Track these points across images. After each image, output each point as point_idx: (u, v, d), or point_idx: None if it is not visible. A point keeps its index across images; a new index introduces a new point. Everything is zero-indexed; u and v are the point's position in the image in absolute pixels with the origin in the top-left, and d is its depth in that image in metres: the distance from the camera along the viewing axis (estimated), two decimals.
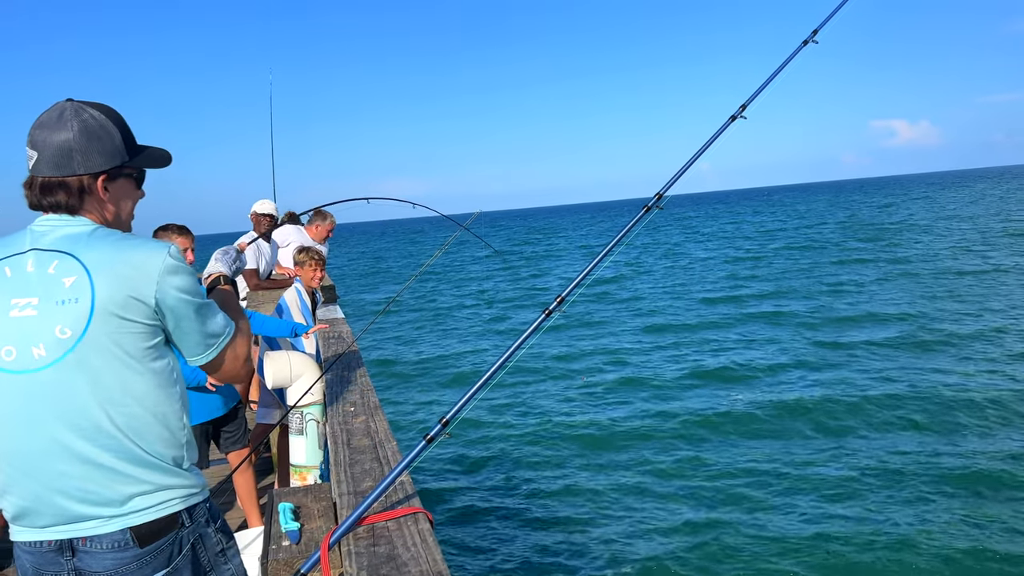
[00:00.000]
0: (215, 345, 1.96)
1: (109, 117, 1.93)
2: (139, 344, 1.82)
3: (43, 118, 1.88)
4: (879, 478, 9.35)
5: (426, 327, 24.30)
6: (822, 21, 2.68)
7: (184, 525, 1.90)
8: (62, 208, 1.87)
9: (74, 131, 1.86)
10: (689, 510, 8.97)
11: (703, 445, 11.15)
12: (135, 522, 1.82)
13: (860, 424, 11.32)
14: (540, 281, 35.79)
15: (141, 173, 2.03)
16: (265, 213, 7.33)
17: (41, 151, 1.85)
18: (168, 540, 1.87)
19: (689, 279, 30.73)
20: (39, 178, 1.87)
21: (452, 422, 2.19)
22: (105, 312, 1.76)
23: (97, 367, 1.77)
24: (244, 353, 2.05)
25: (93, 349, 1.76)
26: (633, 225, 2.29)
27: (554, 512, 9.11)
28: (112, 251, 1.82)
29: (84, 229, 1.87)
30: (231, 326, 2.01)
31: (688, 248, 46.78)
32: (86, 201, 1.89)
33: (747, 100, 2.51)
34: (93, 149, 1.88)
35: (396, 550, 2.01)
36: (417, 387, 16.21)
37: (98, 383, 1.77)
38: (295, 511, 2.64)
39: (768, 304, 22.33)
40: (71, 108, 1.89)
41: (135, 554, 1.83)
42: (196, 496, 1.94)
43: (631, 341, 19.04)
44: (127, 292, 1.78)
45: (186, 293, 1.87)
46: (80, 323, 1.75)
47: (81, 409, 1.77)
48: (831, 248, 37.24)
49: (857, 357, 15.12)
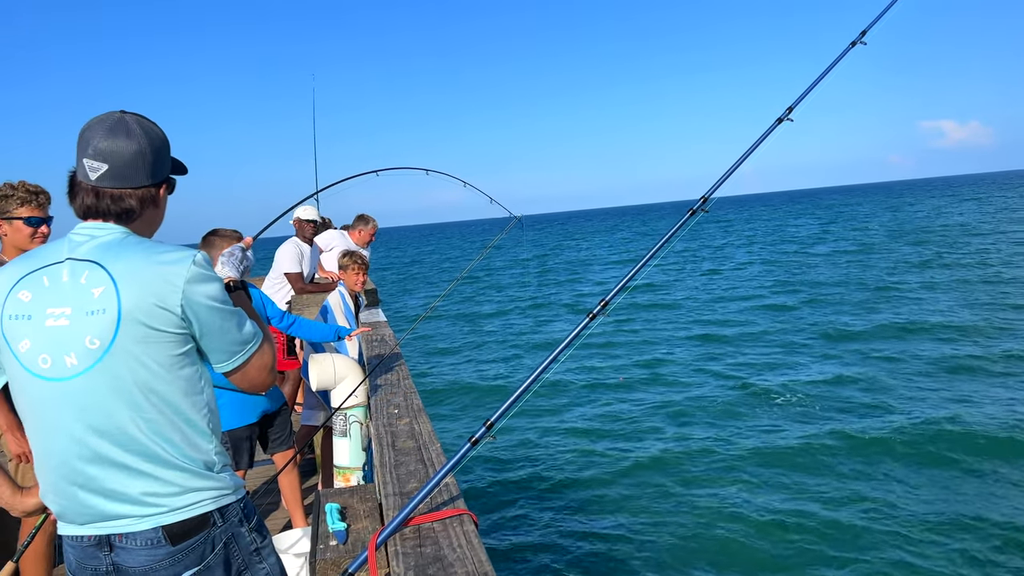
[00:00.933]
0: (241, 352, 1.98)
1: (157, 128, 1.99)
2: (166, 352, 1.85)
3: (103, 130, 1.89)
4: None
5: (464, 331, 24.39)
6: (871, 22, 2.64)
7: (216, 525, 1.94)
8: (130, 216, 1.92)
9: (143, 143, 1.92)
10: (730, 518, 8.86)
11: (742, 451, 11.00)
12: (167, 521, 1.88)
13: (910, 460, 10.32)
14: (580, 286, 35.65)
15: (174, 181, 2.10)
16: (308, 219, 7.45)
17: (110, 163, 1.88)
18: (200, 539, 1.91)
19: (733, 284, 30.28)
20: (106, 190, 1.89)
21: (496, 425, 2.21)
22: (132, 321, 1.80)
23: (125, 376, 1.82)
24: (269, 361, 2.06)
25: (121, 359, 1.81)
26: (678, 229, 2.29)
27: (594, 517, 9.06)
28: (138, 260, 1.84)
29: (114, 238, 1.89)
30: (259, 335, 2.03)
31: (730, 252, 45.92)
32: (145, 210, 1.95)
33: (794, 102, 2.48)
34: (157, 162, 1.95)
35: (442, 551, 2.03)
36: (455, 391, 16.28)
37: (126, 391, 1.82)
38: (342, 511, 2.67)
39: (816, 314, 21.61)
40: (132, 120, 1.92)
41: (168, 551, 1.88)
42: (228, 497, 1.97)
43: (668, 348, 18.90)
44: (152, 301, 1.81)
45: (212, 301, 1.88)
46: (108, 334, 1.80)
47: (109, 416, 1.83)
48: (883, 253, 35.90)
49: (922, 379, 14.01)
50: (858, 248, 40.19)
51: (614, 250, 61.57)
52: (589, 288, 34.17)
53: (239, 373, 2.01)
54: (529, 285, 37.47)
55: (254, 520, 2.06)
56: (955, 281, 25.11)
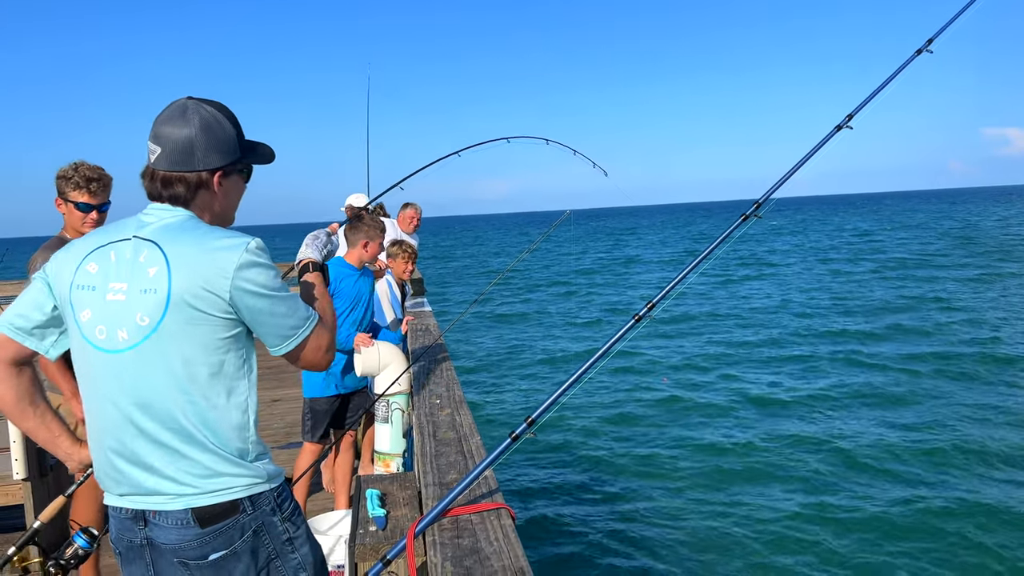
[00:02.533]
0: (294, 336, 1.98)
1: (225, 115, 2.00)
2: (213, 336, 1.88)
3: (165, 115, 1.96)
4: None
5: (508, 326, 24.42)
6: (938, 30, 2.56)
7: (246, 512, 1.95)
8: (178, 200, 1.96)
9: (195, 129, 1.94)
10: (777, 533, 8.74)
11: (788, 457, 10.83)
12: (196, 503, 1.90)
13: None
14: (627, 285, 35.33)
15: (250, 169, 2.11)
16: (361, 207, 7.57)
17: (164, 146, 1.93)
18: (229, 524, 1.93)
19: (792, 289, 29.50)
20: (160, 172, 1.95)
21: (538, 421, 2.22)
22: (180, 303, 1.84)
23: (170, 355, 1.86)
24: (325, 343, 2.06)
25: (167, 338, 1.85)
26: (731, 233, 2.27)
27: (631, 519, 9.02)
28: (192, 244, 1.88)
29: (177, 220, 1.94)
30: (313, 317, 2.03)
31: (780, 258, 44.56)
32: (200, 195, 1.98)
33: (854, 110, 2.43)
34: (212, 147, 1.96)
35: (479, 543, 2.05)
36: (495, 384, 16.34)
37: (169, 370, 1.87)
38: (382, 498, 2.72)
39: (876, 323, 20.76)
40: (192, 106, 1.97)
41: (196, 533, 1.91)
42: (261, 486, 1.98)
43: (718, 350, 18.68)
44: (201, 284, 1.84)
45: (262, 288, 1.90)
46: (157, 313, 1.85)
47: (152, 391, 1.88)
48: (947, 266, 33.53)
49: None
50: (917, 258, 38.74)
51: (667, 248, 60.80)
52: (636, 290, 33.79)
53: (293, 355, 2.03)
54: (573, 282, 37.23)
55: (288, 509, 2.06)
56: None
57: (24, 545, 2.41)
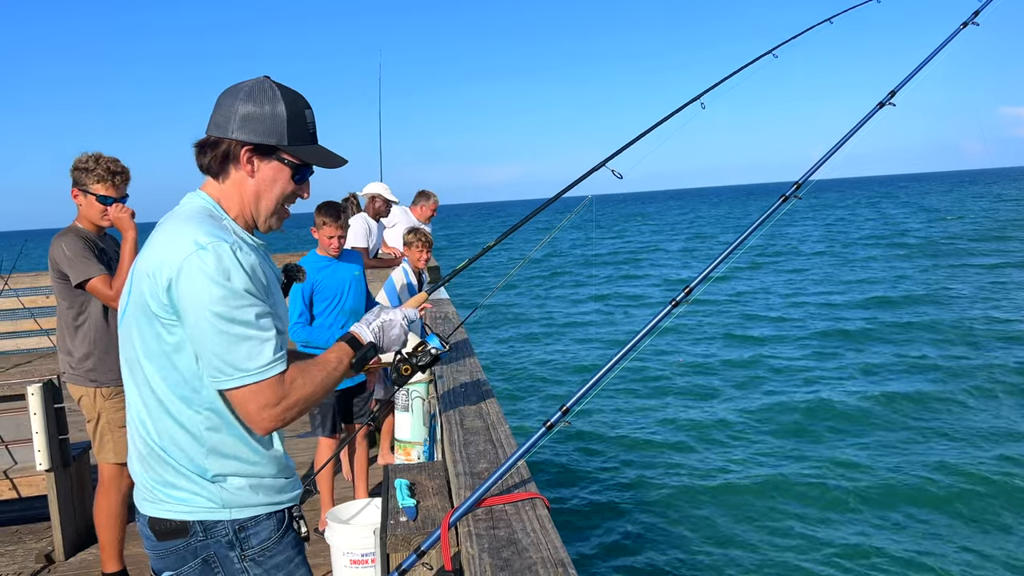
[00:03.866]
0: (230, 378, 1.71)
1: (286, 99, 1.84)
2: (159, 335, 1.74)
3: (233, 86, 1.87)
4: None
5: (530, 314, 24.32)
6: (984, 3, 2.47)
7: (197, 536, 1.81)
8: (207, 170, 1.87)
9: (243, 98, 1.82)
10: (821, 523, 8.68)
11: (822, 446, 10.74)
12: (152, 512, 1.83)
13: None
14: (651, 273, 34.89)
15: (303, 167, 1.90)
16: (388, 199, 7.57)
17: (215, 112, 1.84)
18: (180, 545, 1.82)
19: (817, 277, 28.82)
20: (205, 137, 1.86)
21: (573, 410, 2.17)
22: (137, 293, 1.76)
23: (134, 339, 1.80)
24: (272, 403, 1.74)
25: (132, 321, 1.79)
26: (769, 215, 2.20)
27: (664, 506, 8.95)
28: (164, 234, 1.78)
29: (190, 207, 1.85)
30: (270, 370, 1.73)
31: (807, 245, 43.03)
32: (229, 168, 1.85)
33: (897, 86, 2.35)
34: (251, 119, 1.81)
35: (516, 534, 2.01)
36: (517, 371, 16.29)
37: (134, 356, 1.81)
38: (411, 487, 2.68)
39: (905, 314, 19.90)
40: (258, 81, 1.86)
41: (154, 544, 1.84)
42: (217, 512, 1.82)
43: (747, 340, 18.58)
44: (150, 282, 1.72)
45: (204, 305, 1.67)
46: (126, 299, 1.81)
47: (131, 372, 1.84)
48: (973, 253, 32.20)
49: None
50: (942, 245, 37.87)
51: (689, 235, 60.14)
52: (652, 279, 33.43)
53: (229, 397, 1.75)
54: (600, 272, 36.54)
55: (255, 549, 1.86)
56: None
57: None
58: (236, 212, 1.89)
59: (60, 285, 3.77)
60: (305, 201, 2.01)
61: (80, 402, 3.86)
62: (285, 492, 1.94)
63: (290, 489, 1.96)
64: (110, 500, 3.89)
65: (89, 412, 3.87)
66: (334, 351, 1.92)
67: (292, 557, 1.93)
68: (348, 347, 1.93)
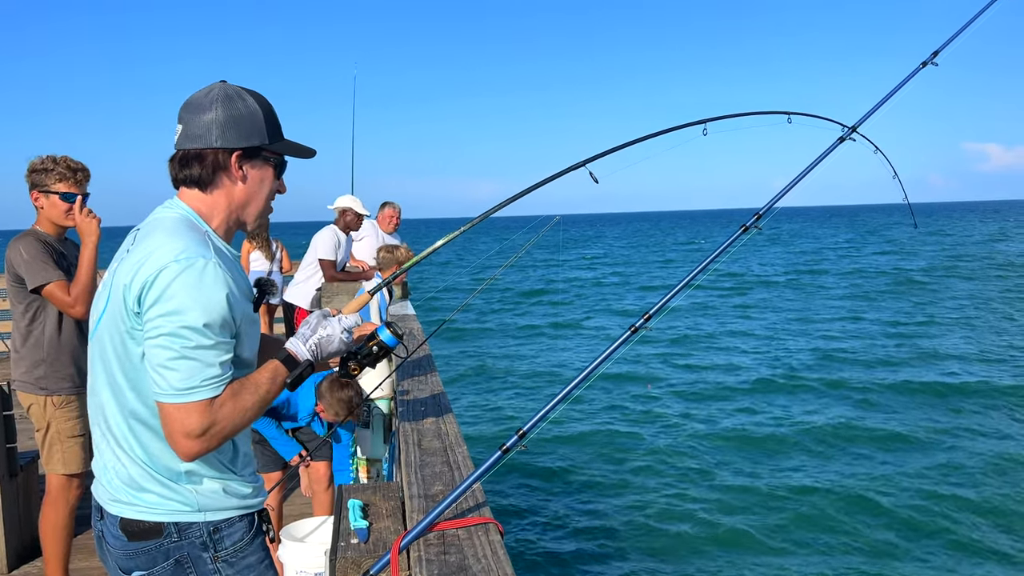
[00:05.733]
0: (163, 392, 1.70)
1: (256, 100, 1.90)
2: (131, 347, 1.77)
3: (193, 96, 1.89)
4: None
5: (492, 334, 24.26)
6: (944, 43, 2.52)
7: (171, 537, 1.84)
8: (194, 182, 1.88)
9: (216, 103, 1.85)
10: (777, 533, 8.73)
11: (774, 462, 10.84)
12: (126, 514, 1.84)
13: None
14: (620, 291, 35.11)
15: (281, 162, 1.97)
16: (361, 213, 7.52)
17: (185, 125, 1.86)
18: (152, 545, 1.84)
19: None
20: (179, 151, 1.88)
21: (529, 434, 2.15)
22: (113, 304, 1.79)
23: (105, 347, 1.83)
24: (196, 429, 1.70)
25: (105, 332, 1.82)
26: (728, 245, 2.21)
27: (621, 534, 8.94)
28: (142, 244, 1.80)
29: (170, 216, 1.86)
30: (199, 392, 1.70)
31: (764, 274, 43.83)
32: (218, 178, 1.88)
33: (857, 122, 2.39)
34: (232, 124, 1.85)
35: (467, 560, 1.98)
36: (479, 392, 16.22)
37: (105, 363, 1.84)
38: (364, 508, 2.64)
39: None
40: (219, 87, 1.90)
41: (124, 544, 1.85)
42: (191, 515, 1.85)
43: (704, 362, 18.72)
44: (123, 293, 1.75)
45: (165, 312, 1.68)
46: (102, 303, 1.84)
47: (101, 379, 1.86)
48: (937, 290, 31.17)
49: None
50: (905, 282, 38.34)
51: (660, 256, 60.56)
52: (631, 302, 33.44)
53: (160, 411, 1.74)
54: (567, 292, 36.65)
55: (227, 550, 1.89)
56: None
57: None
58: (219, 221, 1.92)
59: (15, 289, 3.68)
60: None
61: (29, 410, 3.77)
62: (256, 495, 2.00)
63: (260, 493, 2.03)
64: (57, 512, 3.79)
65: (38, 421, 3.77)
66: (267, 371, 1.86)
67: (263, 558, 1.99)
68: (283, 366, 1.88)
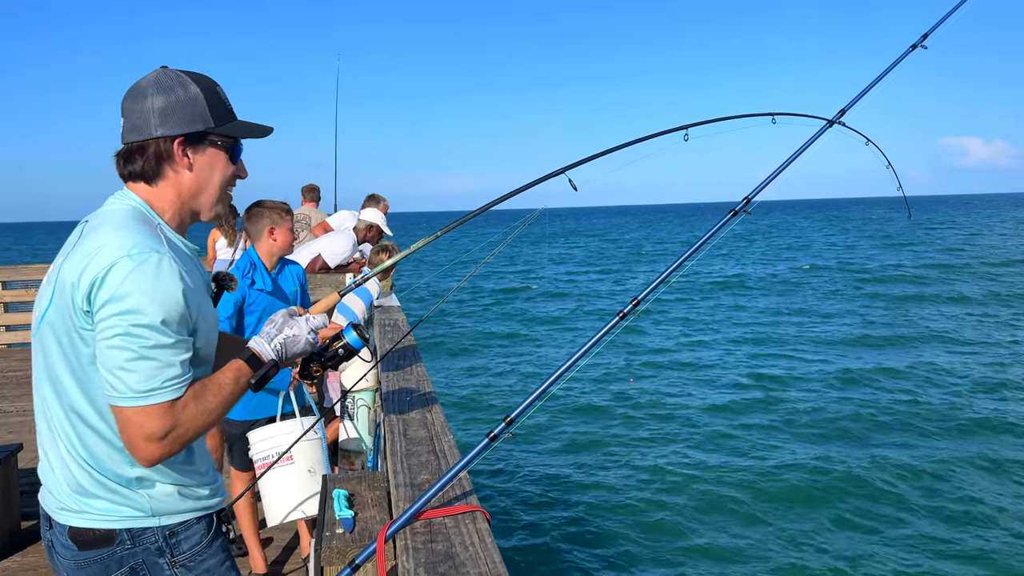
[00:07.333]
0: (120, 395, 1.63)
1: (197, 83, 1.80)
2: (79, 348, 1.70)
3: (133, 86, 1.82)
4: None
5: (480, 324, 24.24)
6: (933, 25, 2.52)
7: (124, 544, 1.77)
8: (139, 176, 1.81)
9: (154, 94, 1.76)
10: (751, 524, 8.78)
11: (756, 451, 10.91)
12: (74, 522, 1.77)
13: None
14: (604, 283, 35.23)
15: (234, 145, 1.87)
16: (375, 224, 7.50)
17: (127, 117, 1.79)
18: (105, 554, 1.77)
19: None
20: (125, 146, 1.81)
21: (517, 421, 2.13)
22: (58, 301, 1.71)
23: (50, 351, 1.75)
24: (158, 432, 1.64)
25: (48, 333, 1.74)
26: (717, 230, 2.20)
27: (607, 522, 8.96)
28: (90, 237, 1.72)
29: (118, 208, 1.79)
30: (158, 394, 1.64)
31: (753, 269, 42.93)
32: (163, 168, 1.80)
33: (846, 105, 2.38)
34: (170, 110, 1.75)
35: (454, 548, 1.95)
36: (465, 381, 16.21)
37: (50, 366, 1.75)
38: (349, 498, 2.61)
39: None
40: (158, 73, 1.81)
41: (75, 554, 1.78)
42: (144, 520, 1.78)
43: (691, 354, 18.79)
44: (71, 290, 1.67)
45: (117, 310, 1.61)
46: (44, 303, 1.76)
47: (44, 384, 1.78)
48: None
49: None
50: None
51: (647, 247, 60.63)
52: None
53: (115, 416, 1.67)
54: (553, 280, 36.54)
55: (184, 555, 1.83)
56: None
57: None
58: (172, 213, 1.84)
59: None
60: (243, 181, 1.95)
61: None
62: (213, 496, 1.92)
63: (219, 492, 1.95)
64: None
65: None
66: (230, 371, 1.80)
67: (223, 560, 1.92)
68: (247, 367, 1.82)
